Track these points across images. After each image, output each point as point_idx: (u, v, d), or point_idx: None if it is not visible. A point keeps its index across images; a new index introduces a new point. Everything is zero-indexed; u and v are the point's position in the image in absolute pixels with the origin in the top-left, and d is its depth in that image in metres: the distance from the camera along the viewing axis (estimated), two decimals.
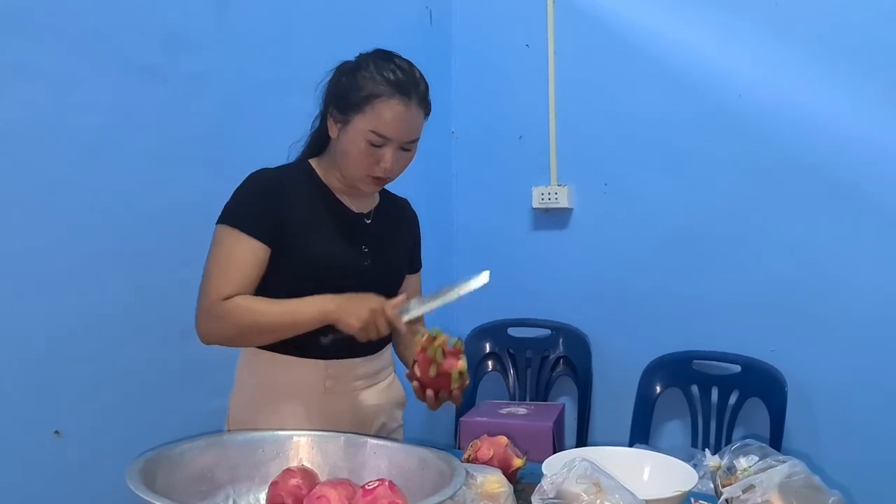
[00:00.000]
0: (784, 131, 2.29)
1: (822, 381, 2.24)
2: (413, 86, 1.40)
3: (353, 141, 1.39)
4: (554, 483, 1.15)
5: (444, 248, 2.85)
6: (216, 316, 1.36)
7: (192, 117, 1.89)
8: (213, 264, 1.39)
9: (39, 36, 1.58)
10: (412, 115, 1.40)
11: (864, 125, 2.17)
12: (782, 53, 2.28)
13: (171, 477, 1.13)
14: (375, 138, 1.38)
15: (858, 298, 2.19)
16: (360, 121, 1.38)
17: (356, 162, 1.40)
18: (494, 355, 2.71)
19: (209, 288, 1.37)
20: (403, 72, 1.40)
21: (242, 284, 1.37)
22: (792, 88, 2.26)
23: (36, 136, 1.59)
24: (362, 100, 1.37)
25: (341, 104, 1.41)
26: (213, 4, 1.94)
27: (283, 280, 1.40)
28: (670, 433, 2.50)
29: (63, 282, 1.63)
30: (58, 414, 1.63)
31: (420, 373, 1.31)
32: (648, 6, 2.49)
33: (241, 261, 1.37)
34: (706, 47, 2.40)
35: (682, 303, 2.46)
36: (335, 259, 1.44)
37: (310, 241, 1.42)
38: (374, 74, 1.38)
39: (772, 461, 1.26)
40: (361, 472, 1.24)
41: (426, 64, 1.46)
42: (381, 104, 1.37)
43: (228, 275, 1.36)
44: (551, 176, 2.69)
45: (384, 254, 1.52)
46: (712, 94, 2.39)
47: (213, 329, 1.38)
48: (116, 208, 1.72)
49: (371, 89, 1.37)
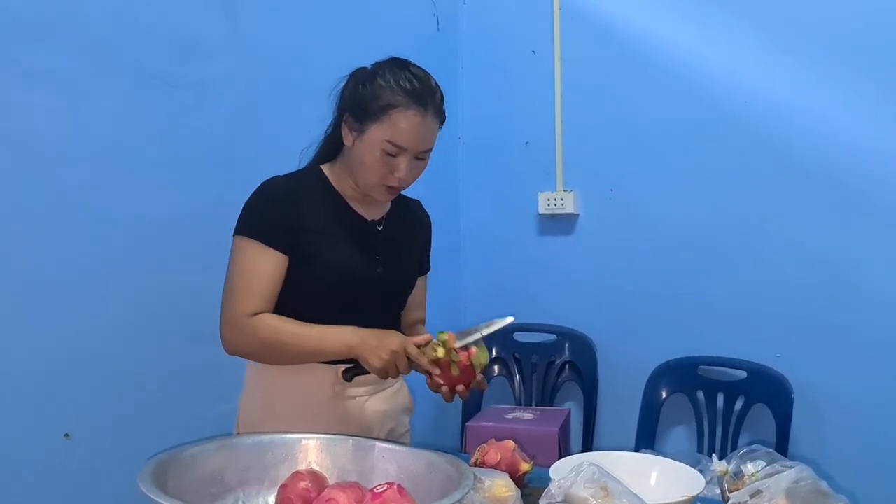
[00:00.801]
0: (790, 137, 2.29)
1: (828, 387, 2.23)
2: (430, 95, 1.40)
3: (369, 150, 1.39)
4: (562, 487, 1.15)
5: (450, 253, 2.86)
6: (241, 331, 1.38)
7: (202, 124, 1.90)
8: (236, 277, 1.40)
9: (52, 44, 1.59)
10: (428, 125, 1.40)
11: (871, 131, 2.17)
12: (788, 59, 2.28)
13: (182, 479, 1.13)
14: (391, 148, 1.38)
15: (865, 304, 2.19)
16: (377, 130, 1.38)
17: (371, 171, 1.41)
18: (500, 360, 2.71)
19: (234, 301, 1.39)
20: (420, 81, 1.40)
21: (267, 298, 1.39)
22: (798, 94, 2.27)
23: (48, 142, 1.60)
24: (379, 109, 1.37)
25: (357, 113, 1.41)
26: (223, 12, 1.96)
27: (297, 287, 1.42)
28: (676, 439, 2.50)
29: (74, 287, 1.64)
30: (68, 417, 1.64)
31: (444, 379, 1.33)
32: (654, 13, 2.50)
33: (263, 273, 1.39)
34: (712, 53, 2.40)
35: (688, 308, 2.46)
36: (347, 267, 1.44)
37: (322, 249, 1.43)
38: (392, 84, 1.38)
39: (779, 466, 1.26)
40: (370, 476, 1.25)
41: (433, 70, 1.47)
42: (398, 114, 1.37)
43: (252, 289, 1.38)
44: (557, 181, 2.69)
45: (396, 261, 1.53)
46: (718, 99, 2.39)
47: (238, 343, 1.40)
48: (127, 214, 1.74)
49: (388, 99, 1.37)
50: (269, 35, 2.07)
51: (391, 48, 1.51)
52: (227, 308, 1.39)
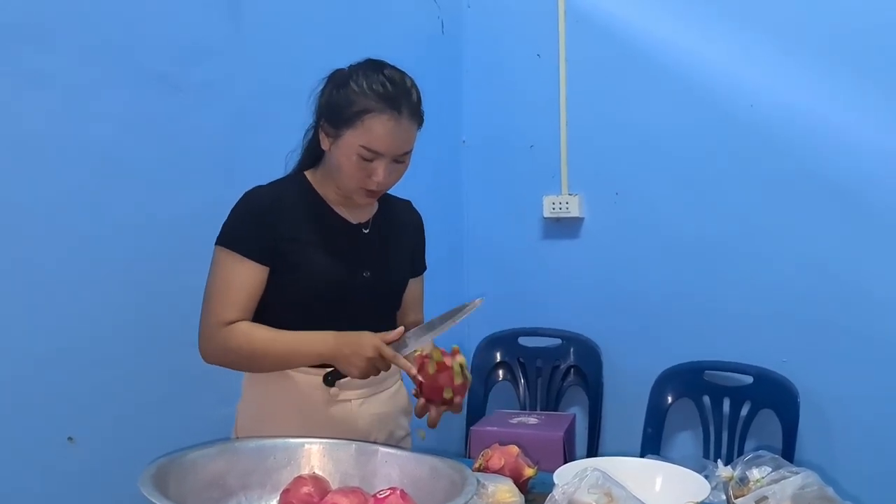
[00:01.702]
0: (796, 141, 2.28)
1: (834, 392, 2.22)
2: (404, 98, 1.38)
3: (346, 155, 1.39)
4: (566, 493, 1.14)
5: (454, 257, 2.86)
6: (218, 341, 1.39)
7: (205, 126, 1.91)
8: (213, 287, 1.41)
9: (55, 46, 1.60)
10: (403, 128, 1.38)
11: (877, 134, 2.16)
12: (794, 63, 2.27)
13: (184, 483, 1.13)
14: (367, 153, 1.37)
15: (872, 309, 2.17)
16: (351, 136, 1.37)
17: (349, 176, 1.40)
18: (505, 364, 2.71)
19: (210, 311, 1.40)
20: (394, 84, 1.38)
21: (243, 308, 1.39)
22: (804, 98, 2.26)
23: (50, 144, 1.60)
24: (353, 115, 1.36)
25: (332, 118, 1.40)
26: (226, 15, 1.96)
27: (283, 295, 1.42)
28: (681, 444, 2.49)
29: (76, 289, 1.65)
30: (71, 420, 1.64)
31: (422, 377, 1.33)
32: (659, 16, 2.50)
33: (239, 284, 1.39)
34: (717, 57, 2.40)
35: (694, 313, 2.45)
36: (333, 273, 1.44)
37: (307, 257, 1.43)
38: (364, 88, 1.37)
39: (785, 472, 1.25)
40: (373, 481, 1.24)
41: (438, 73, 1.47)
42: (372, 119, 1.36)
43: (229, 299, 1.39)
44: (562, 185, 2.69)
45: (384, 264, 1.52)
46: (724, 103, 2.38)
47: (215, 353, 1.41)
48: (129, 216, 1.74)
49: (361, 104, 1.36)
50: (272, 38, 2.08)
51: (395, 51, 1.50)
52: (204, 318, 1.41)
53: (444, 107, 2.71)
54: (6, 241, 1.54)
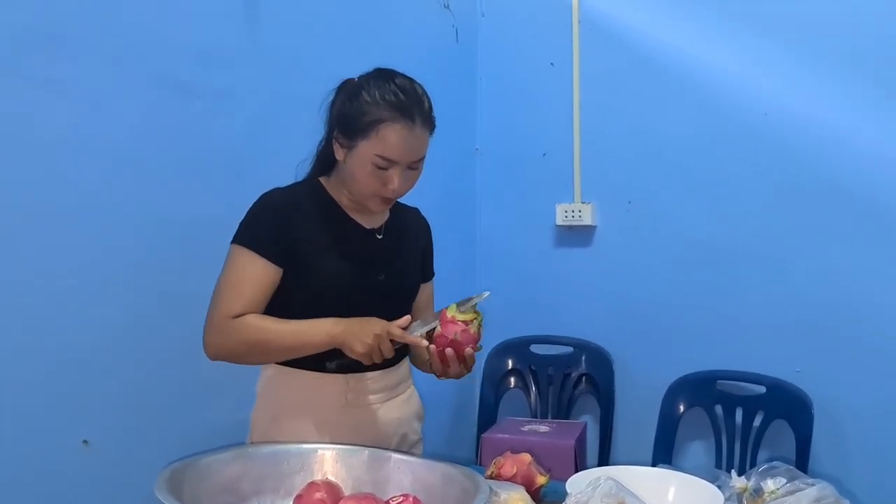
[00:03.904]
0: (810, 150, 2.27)
1: (849, 403, 2.20)
2: (416, 106, 1.40)
3: (360, 165, 1.40)
4: (579, 502, 1.14)
5: (466, 265, 2.86)
6: (225, 333, 1.39)
7: (221, 132, 1.92)
8: (224, 282, 1.42)
9: (73, 53, 1.61)
10: (416, 136, 1.39)
11: (893, 145, 2.15)
12: (809, 72, 2.27)
13: (198, 488, 1.14)
14: (381, 162, 1.38)
15: (887, 319, 2.16)
16: (365, 146, 1.38)
17: (364, 184, 1.42)
18: (516, 372, 2.70)
19: (219, 304, 1.40)
20: (405, 92, 1.39)
21: (252, 302, 1.40)
22: (818, 107, 2.25)
23: (68, 150, 1.62)
24: (366, 125, 1.37)
25: (345, 129, 1.41)
26: (243, 21, 1.98)
27: (299, 299, 1.42)
28: (693, 454, 2.47)
29: (92, 294, 1.66)
30: (86, 424, 1.65)
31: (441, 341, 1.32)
32: (673, 25, 2.50)
33: (251, 280, 1.40)
34: (731, 65, 2.39)
35: (707, 322, 2.44)
36: (348, 277, 1.45)
37: (323, 260, 1.44)
38: (377, 98, 1.38)
39: (800, 484, 1.25)
40: (385, 487, 1.25)
41: (452, 81, 1.48)
42: (385, 129, 1.37)
43: (238, 293, 1.39)
44: (575, 193, 2.69)
45: (397, 268, 1.54)
46: (738, 112, 2.38)
47: (221, 345, 1.40)
48: (146, 221, 1.75)
49: (374, 115, 1.37)
50: (289, 45, 2.09)
51: (410, 59, 1.51)
52: (212, 311, 1.41)
53: (457, 115, 2.72)
54: (23, 245, 1.55)
